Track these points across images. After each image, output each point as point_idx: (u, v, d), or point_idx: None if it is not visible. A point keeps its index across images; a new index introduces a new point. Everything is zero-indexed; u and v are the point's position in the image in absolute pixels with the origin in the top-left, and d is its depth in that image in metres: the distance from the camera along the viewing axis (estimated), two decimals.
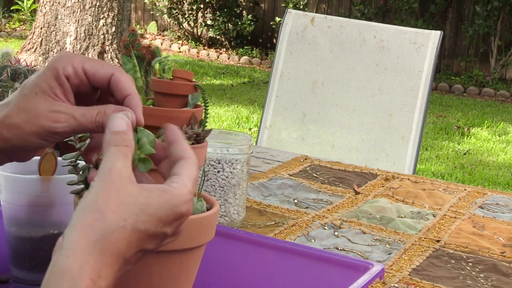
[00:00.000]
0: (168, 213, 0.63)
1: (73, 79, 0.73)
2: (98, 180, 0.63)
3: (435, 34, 2.33)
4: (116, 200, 0.61)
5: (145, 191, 0.63)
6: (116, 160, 0.64)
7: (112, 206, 0.61)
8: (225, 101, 6.30)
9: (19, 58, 2.29)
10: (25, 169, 0.98)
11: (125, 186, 0.62)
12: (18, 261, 0.97)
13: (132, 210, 0.61)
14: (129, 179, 0.63)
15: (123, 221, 0.61)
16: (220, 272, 1.02)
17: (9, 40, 8.67)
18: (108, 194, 0.61)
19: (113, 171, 0.63)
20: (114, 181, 0.62)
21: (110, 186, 0.62)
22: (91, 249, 0.59)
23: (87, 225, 0.60)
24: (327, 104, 2.42)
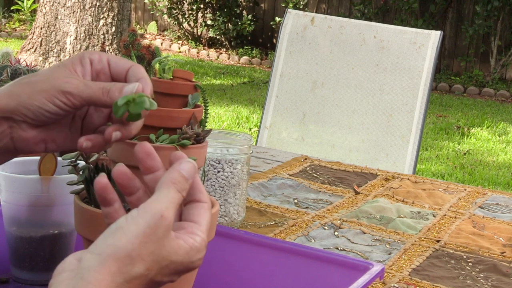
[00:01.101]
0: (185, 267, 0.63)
1: (96, 64, 0.76)
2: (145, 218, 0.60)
3: (435, 34, 2.33)
4: (150, 250, 0.60)
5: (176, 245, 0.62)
6: (171, 207, 0.62)
7: (144, 255, 0.60)
8: (225, 101, 6.30)
9: (19, 58, 2.29)
10: (25, 169, 0.98)
11: (164, 237, 0.61)
12: (18, 261, 0.97)
13: (160, 264, 0.61)
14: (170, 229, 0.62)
15: (147, 271, 0.60)
16: (220, 272, 1.02)
17: (9, 40, 8.67)
18: (148, 241, 0.60)
19: (164, 219, 0.61)
20: (159, 229, 0.60)
21: (153, 234, 0.60)
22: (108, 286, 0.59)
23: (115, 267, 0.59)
24: (327, 104, 2.42)
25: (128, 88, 0.72)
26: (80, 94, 0.72)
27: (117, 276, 0.59)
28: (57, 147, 0.77)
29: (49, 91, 0.72)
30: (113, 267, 0.58)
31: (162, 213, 0.61)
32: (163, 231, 0.61)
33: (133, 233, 0.59)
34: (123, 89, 0.72)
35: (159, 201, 0.62)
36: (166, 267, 0.62)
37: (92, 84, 0.73)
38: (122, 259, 0.59)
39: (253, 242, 1.07)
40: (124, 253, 0.59)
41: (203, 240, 0.64)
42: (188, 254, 0.63)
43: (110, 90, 0.72)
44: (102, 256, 0.59)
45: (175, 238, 0.62)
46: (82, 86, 0.73)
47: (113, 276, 0.58)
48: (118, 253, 0.59)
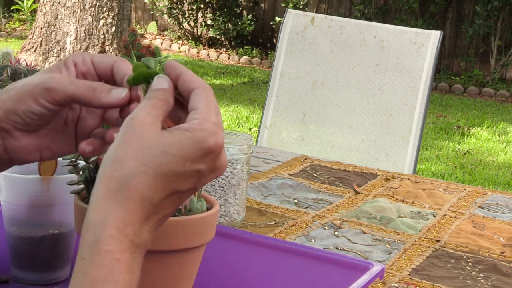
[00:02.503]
0: (194, 150, 0.61)
1: (80, 66, 0.74)
2: (121, 130, 0.62)
3: (435, 34, 2.33)
4: (135, 146, 0.60)
5: (167, 133, 0.62)
6: (141, 109, 0.63)
7: (131, 153, 0.60)
8: (225, 101, 6.30)
9: (19, 58, 2.29)
10: (25, 169, 0.98)
11: (146, 131, 0.61)
12: (18, 261, 0.97)
13: (153, 153, 0.60)
14: (152, 124, 0.62)
15: (143, 166, 0.59)
16: (220, 272, 1.02)
17: (9, 40, 8.67)
18: (128, 142, 0.61)
19: (135, 119, 0.62)
20: (135, 128, 0.61)
21: (130, 134, 0.61)
22: (112, 199, 0.58)
23: (107, 176, 0.59)
24: (327, 104, 2.42)
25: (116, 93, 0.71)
26: (64, 90, 0.71)
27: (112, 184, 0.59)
28: (52, 155, 0.76)
29: (33, 92, 0.71)
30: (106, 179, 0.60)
31: (132, 116, 0.62)
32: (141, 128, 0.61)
33: (115, 143, 0.62)
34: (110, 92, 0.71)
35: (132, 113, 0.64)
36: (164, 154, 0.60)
37: (77, 81, 0.72)
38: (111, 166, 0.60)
39: (253, 242, 1.07)
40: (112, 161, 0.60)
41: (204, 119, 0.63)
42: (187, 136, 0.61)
43: (96, 90, 0.71)
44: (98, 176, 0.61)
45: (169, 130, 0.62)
46: (66, 82, 0.71)
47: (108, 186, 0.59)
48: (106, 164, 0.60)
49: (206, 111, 0.63)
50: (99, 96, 0.71)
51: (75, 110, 0.76)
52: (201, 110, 0.63)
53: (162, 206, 0.61)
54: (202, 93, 0.65)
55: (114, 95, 0.70)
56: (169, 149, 0.60)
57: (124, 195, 0.59)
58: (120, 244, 0.57)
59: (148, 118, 0.62)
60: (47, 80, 0.71)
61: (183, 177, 0.61)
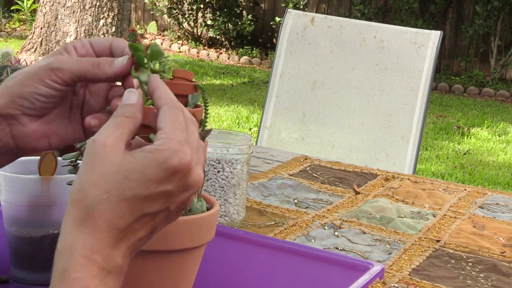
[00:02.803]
0: (158, 172, 0.60)
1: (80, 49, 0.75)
2: (84, 154, 0.61)
3: (435, 34, 2.33)
4: (97, 172, 0.59)
5: (130, 157, 0.60)
6: (104, 130, 0.62)
7: (93, 180, 0.59)
8: (225, 101, 6.30)
9: (19, 58, 2.29)
10: (25, 169, 0.98)
11: (107, 156, 0.60)
12: (18, 261, 0.97)
13: (115, 179, 0.59)
14: (114, 147, 0.61)
15: (106, 193, 0.59)
16: (220, 272, 1.02)
17: (9, 40, 8.67)
18: (90, 167, 0.60)
19: (96, 141, 0.61)
20: (97, 152, 0.60)
21: (92, 159, 0.60)
22: (79, 228, 0.58)
23: (73, 205, 0.59)
24: (327, 104, 2.42)
25: (118, 62, 0.72)
26: (69, 69, 0.72)
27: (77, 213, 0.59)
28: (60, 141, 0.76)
29: (39, 74, 0.72)
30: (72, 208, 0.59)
31: (94, 138, 0.61)
32: (102, 153, 0.60)
33: (80, 169, 0.61)
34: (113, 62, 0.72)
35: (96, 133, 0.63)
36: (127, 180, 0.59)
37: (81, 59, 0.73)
38: (77, 196, 0.59)
39: (253, 242, 1.07)
40: (76, 190, 0.60)
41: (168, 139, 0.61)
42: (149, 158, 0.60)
43: (100, 63, 0.72)
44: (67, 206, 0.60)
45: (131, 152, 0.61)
46: (70, 61, 0.72)
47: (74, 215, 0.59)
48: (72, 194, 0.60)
49: (171, 130, 0.62)
50: (104, 69, 0.71)
51: (79, 95, 0.77)
52: (166, 129, 0.62)
53: (132, 230, 0.60)
54: (168, 111, 0.64)
55: (117, 64, 0.71)
56: (131, 174, 0.60)
57: (90, 223, 0.58)
58: (88, 271, 0.57)
59: (110, 139, 0.61)
60: (52, 61, 0.72)
61: (149, 200, 0.60)
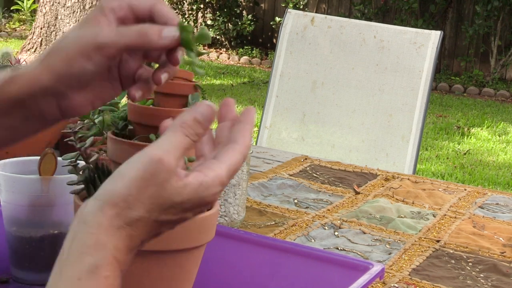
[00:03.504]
0: (194, 204, 0.62)
1: (117, 11, 0.73)
2: (142, 163, 0.60)
3: (435, 34, 2.33)
4: (149, 194, 0.60)
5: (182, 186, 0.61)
6: (173, 151, 0.61)
7: (143, 199, 0.60)
8: None
9: (19, 58, 2.29)
10: (25, 169, 0.98)
11: (165, 181, 0.60)
12: (18, 261, 0.97)
13: (162, 206, 0.61)
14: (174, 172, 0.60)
15: (148, 213, 0.60)
16: (220, 272, 1.02)
17: (9, 40, 8.67)
18: (145, 185, 0.60)
19: (162, 163, 0.60)
20: (158, 174, 0.60)
21: (150, 178, 0.60)
22: (114, 232, 0.59)
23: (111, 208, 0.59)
24: (327, 104, 2.42)
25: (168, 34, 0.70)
26: (115, 44, 0.71)
27: (116, 219, 0.59)
28: (102, 102, 0.77)
29: (84, 52, 0.71)
30: (110, 212, 0.59)
31: (161, 157, 0.60)
32: (164, 176, 0.60)
33: (130, 178, 0.60)
34: (162, 33, 0.70)
35: (160, 145, 0.61)
36: (171, 207, 0.61)
37: (125, 30, 0.71)
38: (119, 204, 0.59)
39: (253, 242, 1.07)
40: (120, 198, 0.59)
41: (217, 176, 0.62)
42: (196, 191, 0.61)
43: (147, 33, 0.70)
44: (101, 202, 0.60)
45: (183, 179, 0.61)
46: (114, 35, 0.71)
47: (111, 220, 0.59)
48: (114, 198, 0.60)
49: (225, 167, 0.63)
50: (152, 40, 0.70)
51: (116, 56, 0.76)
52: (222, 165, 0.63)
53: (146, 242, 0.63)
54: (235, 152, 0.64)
55: (168, 36, 0.70)
56: (176, 205, 0.61)
57: (126, 233, 0.60)
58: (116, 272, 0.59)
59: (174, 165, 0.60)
60: (96, 37, 0.71)
61: (171, 223, 0.63)
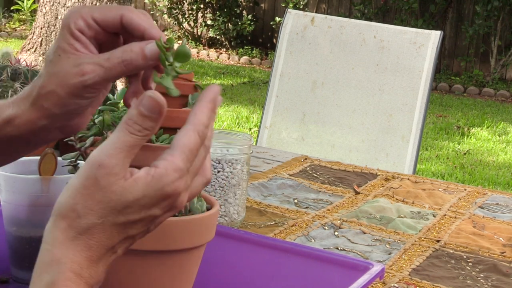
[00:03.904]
0: (152, 198, 0.60)
1: (86, 31, 0.72)
2: (84, 172, 0.59)
3: (435, 34, 2.33)
4: (97, 200, 0.59)
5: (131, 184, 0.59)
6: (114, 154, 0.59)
7: (91, 206, 0.59)
8: (225, 101, 6.30)
9: (19, 58, 2.29)
10: (25, 169, 0.98)
11: (111, 185, 0.59)
12: (18, 261, 0.97)
13: (114, 208, 0.59)
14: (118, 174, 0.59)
15: (101, 219, 0.59)
16: (220, 272, 1.02)
17: (9, 40, 8.67)
18: (90, 193, 0.59)
19: (102, 167, 0.59)
20: (100, 179, 0.58)
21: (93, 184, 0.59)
22: (69, 245, 0.59)
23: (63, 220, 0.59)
24: (327, 104, 2.42)
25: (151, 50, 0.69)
26: (102, 79, 0.70)
27: (68, 231, 0.59)
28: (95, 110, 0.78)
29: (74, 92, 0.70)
30: (62, 224, 0.59)
31: (101, 162, 0.59)
32: (107, 179, 0.58)
33: (74, 187, 0.59)
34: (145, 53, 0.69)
35: (102, 148, 0.59)
36: (126, 207, 0.59)
37: (108, 63, 0.70)
38: (68, 214, 0.59)
39: (253, 242, 1.07)
40: (69, 209, 0.59)
41: (169, 163, 0.59)
42: (148, 185, 0.59)
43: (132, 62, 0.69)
44: (54, 216, 0.60)
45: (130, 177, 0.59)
46: (99, 70, 0.70)
47: (64, 232, 0.59)
48: (63, 210, 0.59)
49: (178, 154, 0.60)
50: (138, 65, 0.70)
51: None
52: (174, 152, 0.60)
53: (114, 249, 0.61)
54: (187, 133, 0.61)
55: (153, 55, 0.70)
56: (130, 203, 0.59)
57: (81, 243, 0.59)
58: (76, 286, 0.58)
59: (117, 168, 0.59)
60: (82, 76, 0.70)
61: (137, 223, 0.61)
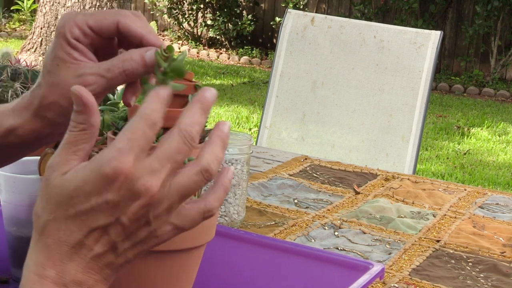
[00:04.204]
0: (95, 182, 0.57)
1: (83, 39, 0.72)
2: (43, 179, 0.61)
3: (435, 34, 2.33)
4: (45, 198, 0.60)
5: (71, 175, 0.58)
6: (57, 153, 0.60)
7: (42, 204, 0.60)
8: (225, 101, 6.30)
9: (19, 58, 2.29)
10: (25, 169, 0.98)
11: (52, 181, 0.59)
12: (18, 261, 0.97)
13: (59, 201, 0.59)
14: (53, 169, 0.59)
15: (51, 215, 0.59)
16: (220, 272, 1.02)
17: (9, 40, 8.67)
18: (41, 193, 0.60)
19: (49, 168, 0.60)
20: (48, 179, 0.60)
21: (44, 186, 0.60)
22: (34, 247, 0.60)
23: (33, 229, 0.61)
24: (327, 104, 2.42)
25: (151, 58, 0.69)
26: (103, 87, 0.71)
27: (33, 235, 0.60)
28: None
29: None
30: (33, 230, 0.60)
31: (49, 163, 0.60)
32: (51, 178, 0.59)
33: None
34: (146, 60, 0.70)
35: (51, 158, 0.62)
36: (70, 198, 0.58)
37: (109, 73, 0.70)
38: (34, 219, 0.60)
39: (253, 242, 1.07)
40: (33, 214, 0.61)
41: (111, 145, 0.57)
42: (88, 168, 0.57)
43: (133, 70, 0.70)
44: None
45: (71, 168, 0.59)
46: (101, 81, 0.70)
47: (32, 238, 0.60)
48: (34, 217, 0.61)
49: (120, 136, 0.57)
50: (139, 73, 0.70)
51: None
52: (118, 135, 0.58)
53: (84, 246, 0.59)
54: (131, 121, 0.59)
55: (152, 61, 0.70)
56: (72, 192, 0.58)
57: (42, 243, 0.59)
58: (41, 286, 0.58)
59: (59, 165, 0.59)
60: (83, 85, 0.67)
61: (92, 213, 0.58)
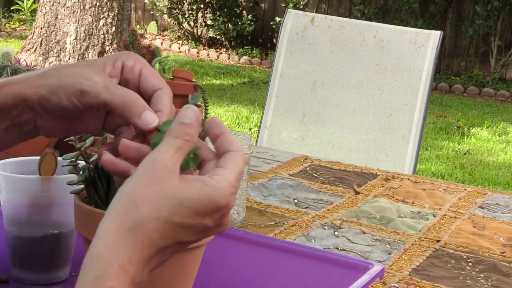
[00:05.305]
0: (206, 206, 0.63)
1: (127, 72, 0.75)
2: (141, 168, 0.62)
3: (435, 34, 2.33)
4: (154, 191, 0.61)
5: (186, 184, 0.62)
6: (166, 151, 0.63)
7: (149, 197, 0.61)
8: (225, 101, 6.30)
9: (19, 58, 2.29)
10: (25, 169, 0.98)
11: (166, 178, 0.62)
12: (18, 261, 0.97)
13: (170, 203, 0.61)
14: (173, 171, 0.62)
15: (157, 213, 0.61)
16: (220, 272, 1.02)
17: (9, 40, 8.67)
18: (147, 185, 0.61)
19: (158, 161, 0.62)
20: (156, 172, 0.62)
21: (151, 177, 0.61)
22: (123, 237, 0.60)
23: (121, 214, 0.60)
24: (327, 104, 2.42)
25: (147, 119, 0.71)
26: (97, 95, 0.72)
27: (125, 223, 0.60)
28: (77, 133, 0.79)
29: (69, 88, 0.72)
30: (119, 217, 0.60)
31: (155, 158, 0.62)
32: (162, 173, 0.62)
33: (133, 182, 0.62)
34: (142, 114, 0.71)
35: (155, 150, 0.64)
36: (180, 206, 0.61)
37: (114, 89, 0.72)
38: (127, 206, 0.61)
39: (253, 242, 1.07)
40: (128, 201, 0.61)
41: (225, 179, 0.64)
42: (205, 191, 0.63)
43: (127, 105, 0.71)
44: (108, 211, 0.61)
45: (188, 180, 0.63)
46: (101, 87, 0.72)
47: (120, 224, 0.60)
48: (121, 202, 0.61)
49: (229, 171, 0.65)
50: (131, 115, 0.71)
51: None
52: (225, 170, 0.65)
53: (164, 252, 0.63)
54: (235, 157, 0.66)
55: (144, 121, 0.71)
56: (185, 202, 0.62)
57: (135, 237, 0.60)
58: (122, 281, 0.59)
59: (171, 163, 0.63)
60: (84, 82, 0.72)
61: (189, 230, 0.63)
